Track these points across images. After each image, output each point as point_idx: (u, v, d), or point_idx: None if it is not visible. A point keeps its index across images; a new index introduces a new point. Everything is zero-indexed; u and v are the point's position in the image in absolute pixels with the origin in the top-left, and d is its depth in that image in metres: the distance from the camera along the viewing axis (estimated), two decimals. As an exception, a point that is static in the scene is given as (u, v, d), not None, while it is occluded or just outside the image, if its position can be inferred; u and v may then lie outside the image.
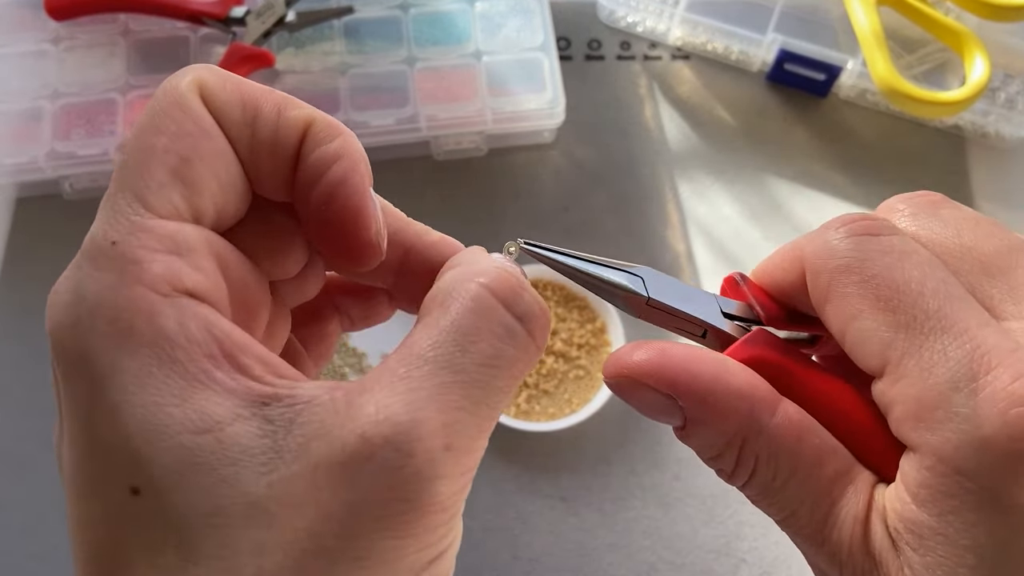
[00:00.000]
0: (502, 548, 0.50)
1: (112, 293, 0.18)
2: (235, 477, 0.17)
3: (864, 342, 0.21)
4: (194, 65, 0.21)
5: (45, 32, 0.59)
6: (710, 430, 0.22)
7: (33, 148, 0.56)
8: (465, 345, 0.20)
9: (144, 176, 0.19)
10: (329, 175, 0.21)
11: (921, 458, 0.20)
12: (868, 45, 0.57)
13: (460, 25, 0.59)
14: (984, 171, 0.61)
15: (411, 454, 0.18)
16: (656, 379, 0.22)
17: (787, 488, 0.22)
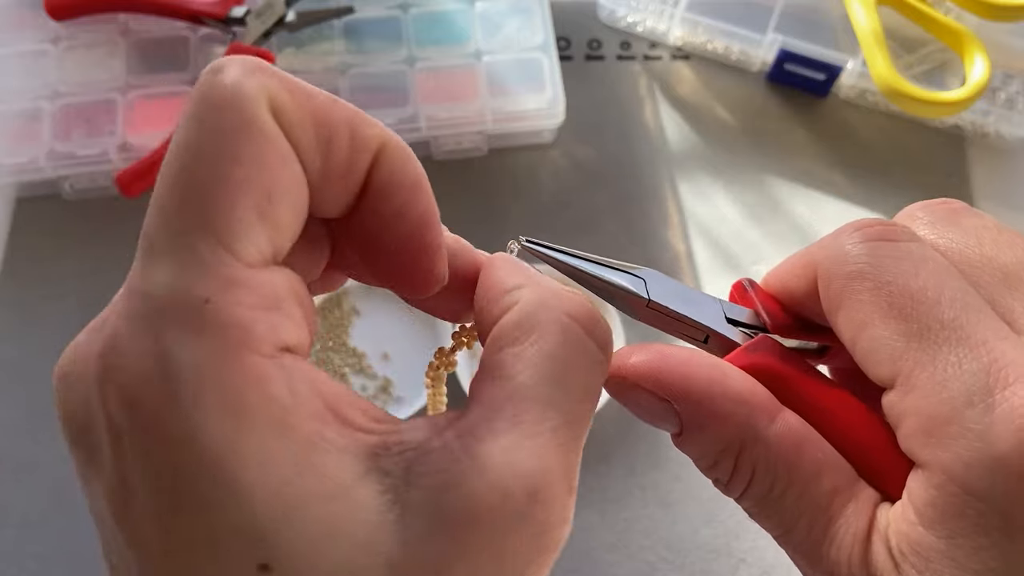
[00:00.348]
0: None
1: (218, 364, 0.16)
2: (371, 541, 0.16)
3: (875, 351, 0.20)
4: (246, 63, 0.18)
5: (45, 32, 0.59)
6: (706, 436, 0.22)
7: (33, 148, 0.56)
8: (563, 382, 0.19)
9: (228, 216, 0.17)
10: (404, 206, 0.20)
11: (930, 476, 0.19)
12: (868, 45, 0.57)
13: (460, 25, 0.59)
14: (984, 171, 0.61)
15: (548, 505, 0.18)
16: (652, 382, 0.22)
17: (784, 501, 0.21)
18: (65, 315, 0.55)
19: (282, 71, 0.19)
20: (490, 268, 0.22)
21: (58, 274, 0.57)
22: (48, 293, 0.56)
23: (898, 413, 0.20)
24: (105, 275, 0.55)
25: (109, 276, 0.54)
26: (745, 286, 0.25)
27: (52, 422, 0.54)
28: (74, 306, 0.55)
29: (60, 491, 0.51)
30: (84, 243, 0.57)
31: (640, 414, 0.23)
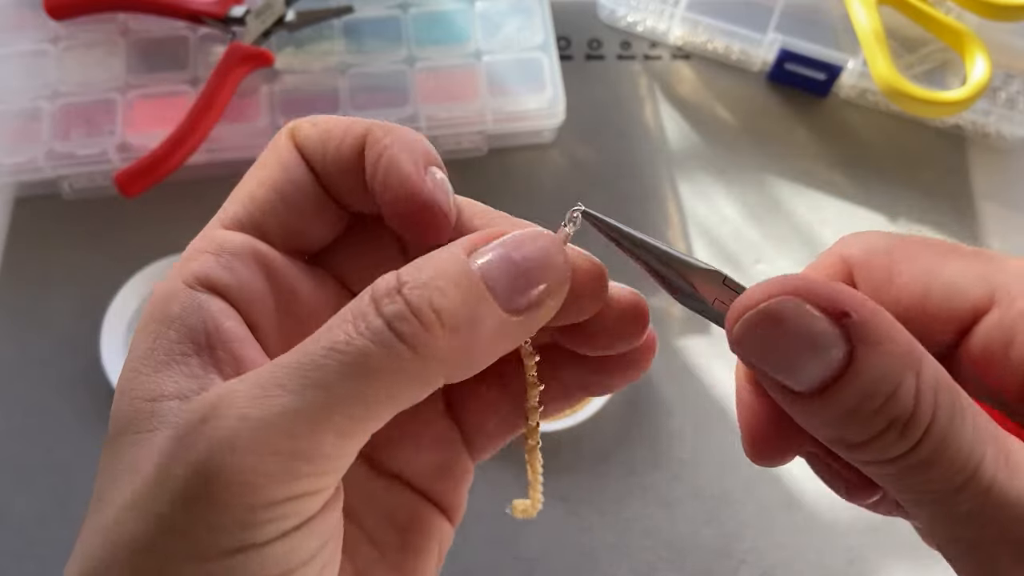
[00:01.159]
0: (502, 548, 0.50)
1: (169, 281, 0.21)
2: (146, 442, 0.19)
3: (958, 284, 0.21)
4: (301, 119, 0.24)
5: (44, 32, 0.59)
6: (887, 349, 0.19)
7: (32, 148, 0.56)
8: (320, 335, 0.19)
9: (231, 197, 0.23)
10: (378, 161, 0.22)
11: None
12: (869, 45, 0.57)
13: (460, 25, 0.59)
14: (985, 171, 0.61)
15: (206, 418, 0.18)
16: (827, 296, 0.19)
17: (966, 429, 0.19)
18: (64, 315, 0.55)
19: (326, 117, 0.23)
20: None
21: (57, 274, 0.57)
22: (47, 293, 0.56)
23: (1011, 321, 0.20)
24: (104, 275, 0.55)
25: (108, 276, 0.54)
26: (728, 281, 0.24)
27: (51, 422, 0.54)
28: (73, 306, 0.55)
29: (60, 492, 0.51)
30: (83, 243, 0.57)
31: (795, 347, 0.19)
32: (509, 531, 0.50)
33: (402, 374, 0.18)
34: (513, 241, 0.21)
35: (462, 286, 0.19)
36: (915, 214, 0.59)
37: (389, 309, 0.18)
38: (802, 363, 0.19)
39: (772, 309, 0.19)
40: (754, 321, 0.20)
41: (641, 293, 0.25)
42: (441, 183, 0.23)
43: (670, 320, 0.56)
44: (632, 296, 0.24)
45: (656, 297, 0.57)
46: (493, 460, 0.52)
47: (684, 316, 0.56)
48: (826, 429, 0.19)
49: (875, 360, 0.18)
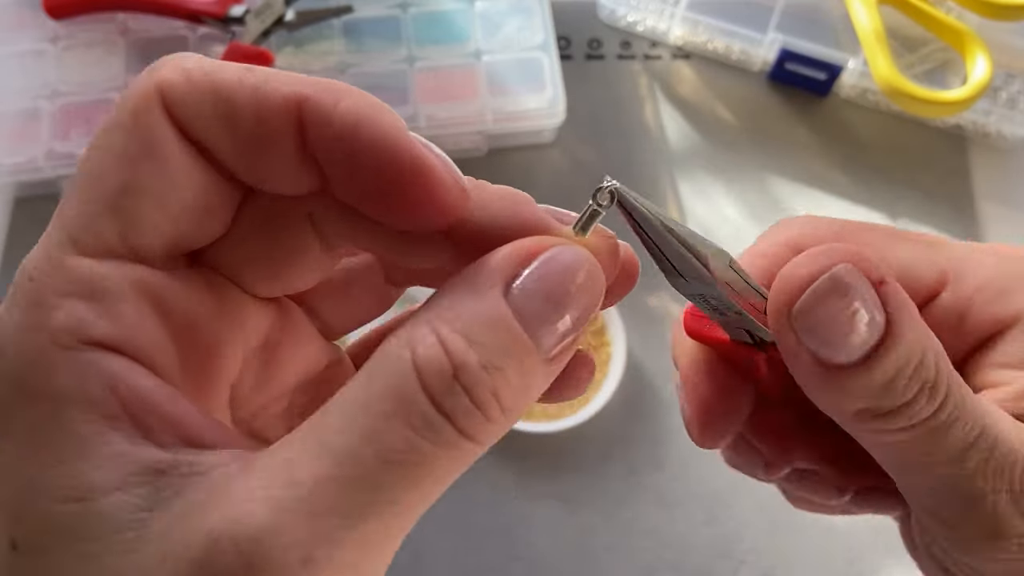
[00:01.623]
0: (502, 548, 0.50)
1: (16, 339, 0.16)
2: (97, 554, 0.15)
3: (912, 268, 0.22)
4: (166, 58, 0.18)
5: (43, 31, 0.59)
6: (918, 326, 0.19)
7: (32, 148, 0.55)
8: (371, 435, 0.15)
9: (78, 206, 0.17)
10: (346, 135, 0.17)
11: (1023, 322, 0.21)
12: (869, 44, 0.57)
13: (460, 24, 0.59)
14: (985, 170, 0.60)
15: (259, 568, 0.14)
16: (869, 262, 0.19)
17: (967, 390, 0.20)
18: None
19: (201, 62, 0.17)
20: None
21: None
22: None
23: (964, 299, 0.22)
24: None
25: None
26: (733, 264, 0.22)
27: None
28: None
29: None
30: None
31: (846, 318, 0.19)
32: (509, 531, 0.50)
33: (462, 461, 0.16)
34: (549, 276, 0.17)
35: (518, 357, 0.16)
36: (916, 214, 0.59)
37: (452, 405, 0.15)
38: (853, 333, 0.19)
39: (841, 277, 0.19)
40: (823, 291, 0.19)
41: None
42: (438, 151, 0.19)
43: (670, 319, 0.56)
44: (627, 255, 0.21)
45: (655, 296, 0.57)
46: (494, 460, 0.52)
47: (684, 316, 0.56)
48: (860, 400, 0.19)
49: (910, 327, 0.19)
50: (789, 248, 0.22)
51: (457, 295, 0.17)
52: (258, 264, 0.19)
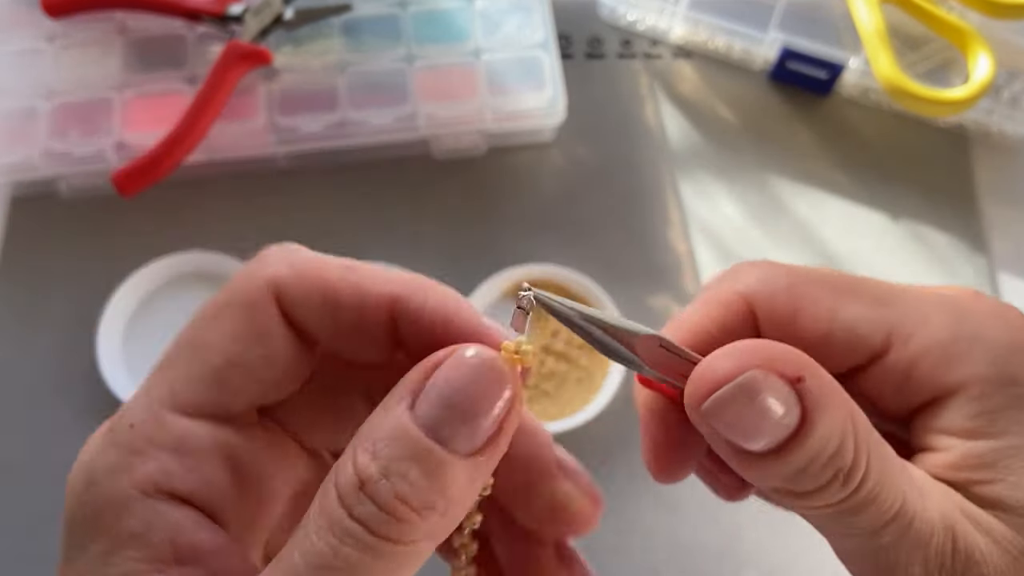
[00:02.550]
0: (502, 551, 0.50)
1: (108, 477, 0.19)
2: None
3: (855, 327, 0.22)
4: (274, 250, 0.22)
5: (40, 30, 0.59)
6: (833, 414, 0.19)
7: (29, 147, 0.55)
8: (305, 548, 0.18)
9: (185, 369, 0.20)
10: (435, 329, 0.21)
11: (965, 391, 0.21)
12: (871, 43, 0.56)
13: (459, 23, 0.59)
14: (988, 169, 0.60)
15: None
16: (786, 362, 0.19)
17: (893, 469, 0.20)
18: (61, 314, 0.55)
19: (309, 259, 0.21)
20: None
21: (54, 273, 0.56)
22: (44, 292, 0.56)
23: (907, 363, 0.22)
24: (101, 274, 0.55)
25: (105, 275, 0.54)
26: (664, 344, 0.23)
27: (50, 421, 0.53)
28: (70, 305, 0.55)
29: (56, 492, 0.50)
30: (80, 242, 0.57)
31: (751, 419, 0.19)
32: (509, 533, 0.50)
33: (396, 561, 0.18)
34: (446, 381, 0.19)
35: (420, 460, 0.18)
36: (917, 213, 0.59)
37: (361, 512, 0.18)
38: (763, 429, 0.19)
39: (748, 384, 0.19)
40: (729, 396, 0.20)
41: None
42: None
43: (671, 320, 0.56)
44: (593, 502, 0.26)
45: (656, 296, 0.56)
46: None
47: (685, 316, 0.56)
48: (775, 482, 0.20)
49: (825, 421, 0.19)
50: (744, 300, 0.24)
51: (375, 417, 0.19)
52: (319, 421, 0.23)
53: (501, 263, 0.56)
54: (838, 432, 0.19)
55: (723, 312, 0.24)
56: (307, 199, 0.59)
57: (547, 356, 0.53)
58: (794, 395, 0.19)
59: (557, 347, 0.53)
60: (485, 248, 0.57)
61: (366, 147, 0.57)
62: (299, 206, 0.59)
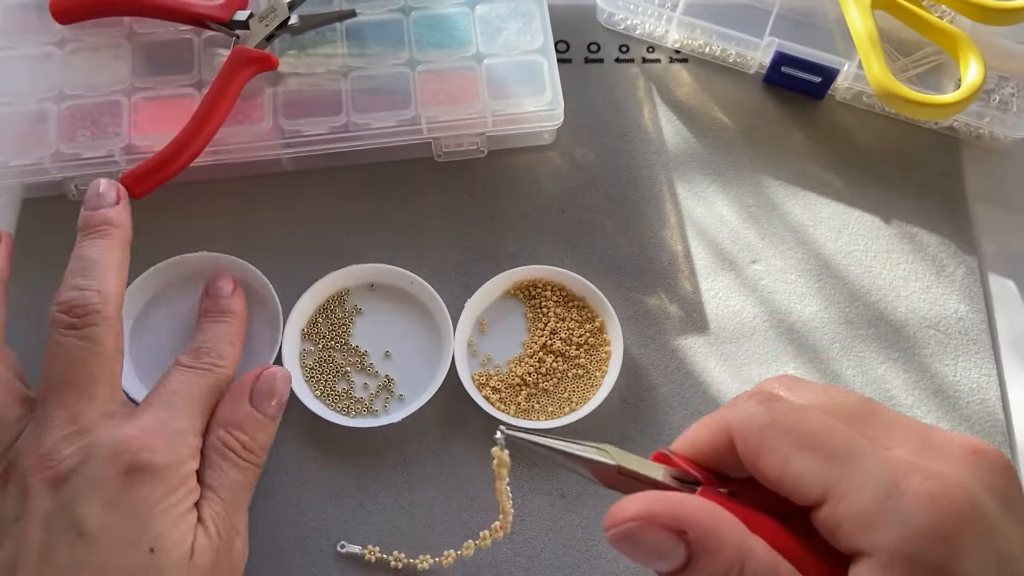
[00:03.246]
0: (502, 543, 0.51)
1: None
2: None
3: (801, 478, 0.26)
4: None
5: (50, 35, 0.60)
6: (716, 558, 0.25)
7: (39, 150, 0.56)
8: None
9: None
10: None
11: (874, 558, 0.24)
12: (864, 48, 0.57)
13: (461, 29, 0.60)
14: (978, 172, 0.61)
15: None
16: (668, 518, 0.26)
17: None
18: (71, 314, 0.56)
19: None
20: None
21: (62, 274, 0.57)
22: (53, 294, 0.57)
23: (836, 519, 0.25)
24: (110, 275, 0.55)
25: (114, 276, 0.55)
26: (666, 453, 0.31)
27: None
28: (79, 306, 0.56)
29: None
30: (89, 243, 0.58)
31: (647, 553, 0.26)
32: (509, 527, 0.51)
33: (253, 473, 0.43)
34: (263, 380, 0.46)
35: (258, 425, 0.45)
36: (909, 214, 0.60)
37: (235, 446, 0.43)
38: (655, 563, 0.26)
39: (626, 532, 0.26)
40: (615, 538, 0.27)
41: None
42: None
43: (669, 320, 0.57)
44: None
45: (654, 296, 0.57)
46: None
47: (683, 316, 0.57)
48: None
49: (705, 565, 0.25)
50: (727, 431, 0.28)
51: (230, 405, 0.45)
52: None
53: (502, 263, 0.57)
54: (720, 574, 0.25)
55: (714, 435, 0.29)
56: (311, 201, 0.60)
57: (546, 354, 0.54)
58: (682, 543, 0.25)
59: (555, 345, 0.54)
60: (486, 248, 0.58)
61: (369, 150, 0.58)
62: (303, 207, 0.60)
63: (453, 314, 0.54)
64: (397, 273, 0.56)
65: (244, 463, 0.43)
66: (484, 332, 0.56)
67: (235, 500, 0.42)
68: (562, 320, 0.55)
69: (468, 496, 0.52)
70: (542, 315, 0.56)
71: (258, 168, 0.59)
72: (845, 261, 0.58)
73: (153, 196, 0.54)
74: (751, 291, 0.57)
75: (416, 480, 0.52)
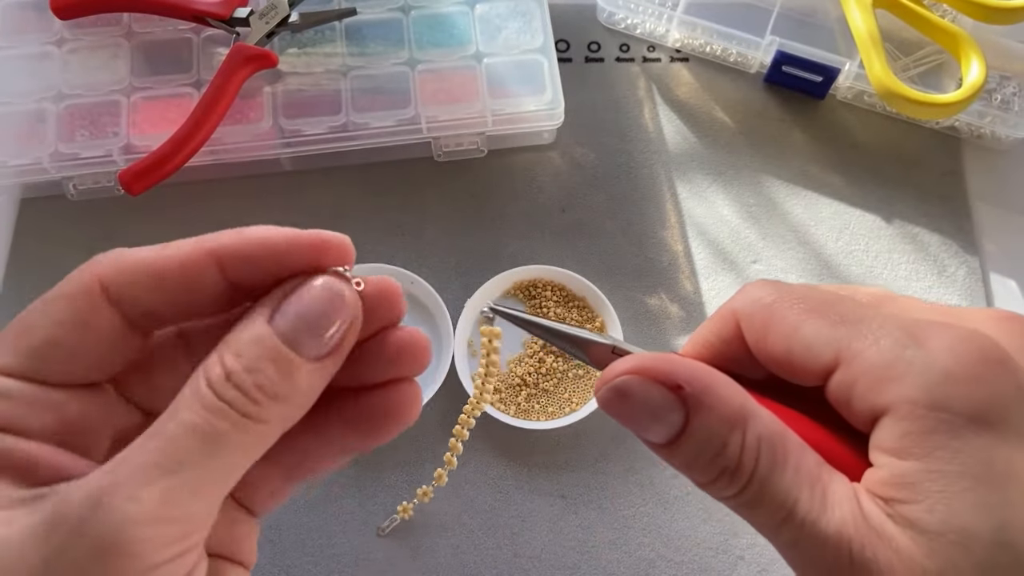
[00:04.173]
0: (502, 546, 0.50)
1: None
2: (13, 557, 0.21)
3: (811, 345, 0.24)
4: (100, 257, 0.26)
5: (49, 34, 0.60)
6: (715, 415, 0.23)
7: (37, 149, 0.56)
8: (179, 419, 0.22)
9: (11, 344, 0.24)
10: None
11: (895, 412, 0.22)
12: (865, 47, 0.57)
13: (460, 27, 0.60)
14: (980, 172, 0.61)
15: (96, 505, 0.20)
16: (664, 372, 0.24)
17: (786, 473, 0.23)
18: (69, 314, 0.55)
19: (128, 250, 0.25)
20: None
21: (62, 274, 0.57)
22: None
23: (850, 380, 0.23)
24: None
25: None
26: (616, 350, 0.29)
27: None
28: (78, 305, 0.56)
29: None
30: (88, 243, 0.58)
31: (640, 413, 0.24)
32: (509, 528, 0.51)
33: (250, 436, 0.23)
34: (300, 301, 0.24)
35: (276, 361, 0.23)
36: (910, 215, 0.60)
37: (228, 395, 0.22)
38: (650, 425, 0.24)
39: (619, 385, 0.24)
40: (607, 395, 0.25)
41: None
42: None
43: (668, 320, 0.56)
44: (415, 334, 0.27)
45: (654, 296, 0.57)
46: (493, 457, 0.53)
47: (684, 316, 0.56)
48: (678, 469, 0.25)
49: (704, 423, 0.23)
50: (734, 316, 0.27)
51: (238, 328, 0.24)
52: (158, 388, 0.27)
53: (502, 264, 0.57)
54: (721, 434, 0.23)
55: (720, 326, 0.27)
56: (310, 200, 0.60)
57: (546, 355, 0.54)
58: (678, 400, 0.23)
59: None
60: (486, 248, 0.58)
61: (369, 150, 0.58)
62: (302, 207, 0.60)
63: (453, 314, 0.54)
64: (397, 273, 0.56)
65: (236, 414, 0.22)
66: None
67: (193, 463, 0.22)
68: (562, 320, 0.55)
69: (468, 497, 0.51)
70: (542, 315, 0.55)
71: (257, 168, 0.59)
72: (846, 261, 0.58)
73: (151, 195, 0.54)
74: (752, 291, 0.57)
75: (416, 482, 0.52)
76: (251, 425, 0.23)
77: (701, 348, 0.28)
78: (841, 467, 0.23)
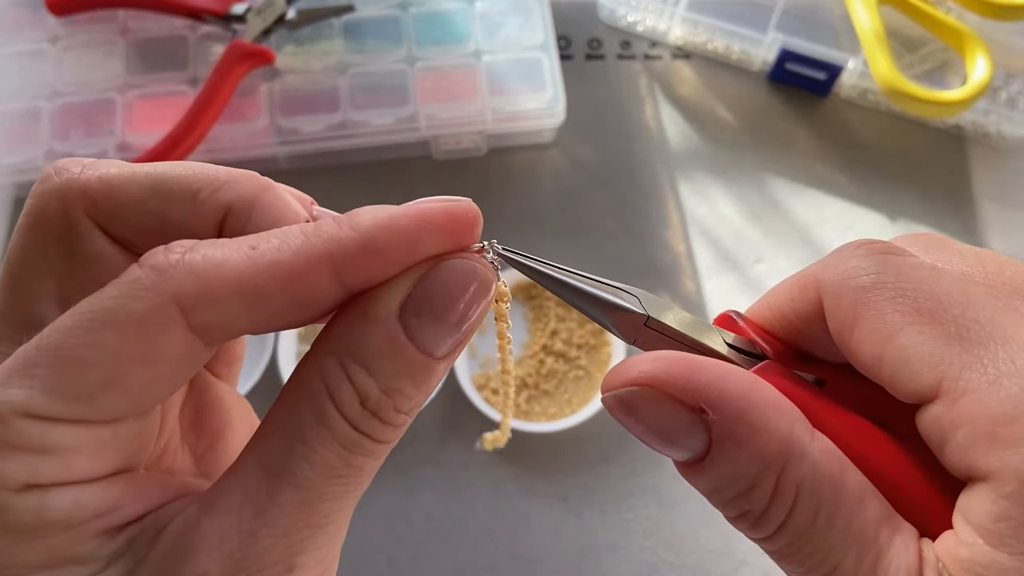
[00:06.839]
0: (503, 548, 0.50)
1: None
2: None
3: (909, 360, 0.18)
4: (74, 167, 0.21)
5: (43, 32, 0.59)
6: (745, 452, 0.18)
7: (31, 148, 0.55)
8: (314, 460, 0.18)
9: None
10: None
11: (998, 485, 0.17)
12: (869, 44, 0.57)
13: (460, 24, 0.59)
14: (985, 170, 0.60)
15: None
16: (682, 389, 0.18)
17: (831, 531, 0.18)
18: (64, 315, 0.55)
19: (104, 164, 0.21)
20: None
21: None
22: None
23: (948, 422, 0.18)
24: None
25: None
26: (733, 317, 0.23)
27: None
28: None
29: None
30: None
31: (652, 432, 0.19)
32: (510, 531, 0.50)
33: (378, 462, 0.19)
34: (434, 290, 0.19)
35: (414, 374, 0.19)
36: (915, 213, 0.59)
37: (366, 426, 0.19)
38: (665, 441, 0.19)
39: (624, 398, 0.19)
40: (612, 405, 0.19)
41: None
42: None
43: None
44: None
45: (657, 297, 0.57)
46: (495, 461, 0.52)
47: (684, 316, 0.56)
48: (701, 492, 0.20)
49: (731, 459, 0.18)
50: (816, 290, 0.21)
51: (357, 325, 0.19)
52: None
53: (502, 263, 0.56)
54: (748, 475, 0.18)
55: (800, 295, 0.21)
56: (308, 199, 0.59)
57: (546, 356, 0.54)
58: (700, 424, 0.18)
59: (556, 347, 0.54)
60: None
61: (367, 148, 0.57)
62: (300, 206, 0.59)
63: (452, 314, 0.54)
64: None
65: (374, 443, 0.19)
66: (484, 333, 0.55)
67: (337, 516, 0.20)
68: (563, 321, 0.54)
69: (468, 499, 0.51)
70: (542, 316, 0.55)
71: (253, 167, 0.58)
72: (850, 261, 0.58)
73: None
74: (755, 292, 0.56)
75: (414, 484, 0.51)
76: (385, 450, 0.19)
77: (771, 317, 0.22)
78: (920, 509, 0.19)
